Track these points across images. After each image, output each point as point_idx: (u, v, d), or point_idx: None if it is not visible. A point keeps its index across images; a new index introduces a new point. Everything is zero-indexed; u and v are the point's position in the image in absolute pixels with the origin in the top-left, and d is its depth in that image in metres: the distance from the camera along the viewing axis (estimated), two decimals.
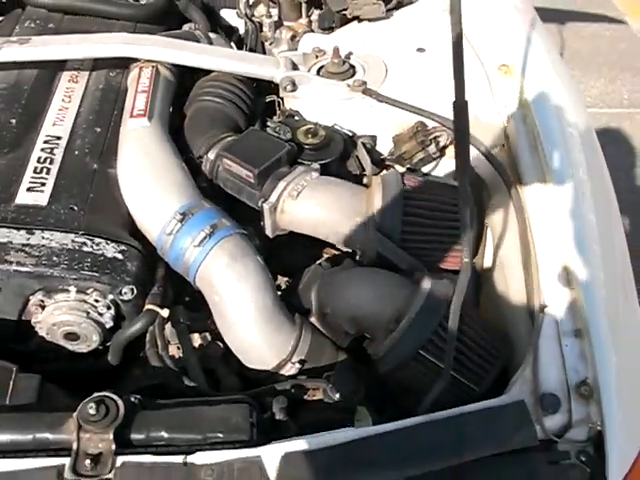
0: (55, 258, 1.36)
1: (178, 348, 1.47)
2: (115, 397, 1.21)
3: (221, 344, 1.48)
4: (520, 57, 1.63)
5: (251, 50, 1.94)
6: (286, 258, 1.61)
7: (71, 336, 1.40)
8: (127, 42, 1.65)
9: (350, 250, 1.54)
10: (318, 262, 1.54)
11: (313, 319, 1.46)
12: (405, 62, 1.72)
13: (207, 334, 1.53)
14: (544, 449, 1.26)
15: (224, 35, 1.94)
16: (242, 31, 2.06)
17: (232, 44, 1.95)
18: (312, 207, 1.47)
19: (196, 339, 1.51)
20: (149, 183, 1.47)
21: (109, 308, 1.38)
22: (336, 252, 1.62)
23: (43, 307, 1.38)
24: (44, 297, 1.37)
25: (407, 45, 1.75)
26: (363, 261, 1.50)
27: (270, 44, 1.96)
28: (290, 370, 1.40)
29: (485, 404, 1.27)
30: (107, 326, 1.40)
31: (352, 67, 1.70)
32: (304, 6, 1.93)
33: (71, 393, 1.36)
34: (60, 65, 1.74)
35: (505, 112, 1.59)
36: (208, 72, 1.73)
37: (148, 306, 1.40)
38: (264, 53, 1.99)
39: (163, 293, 1.42)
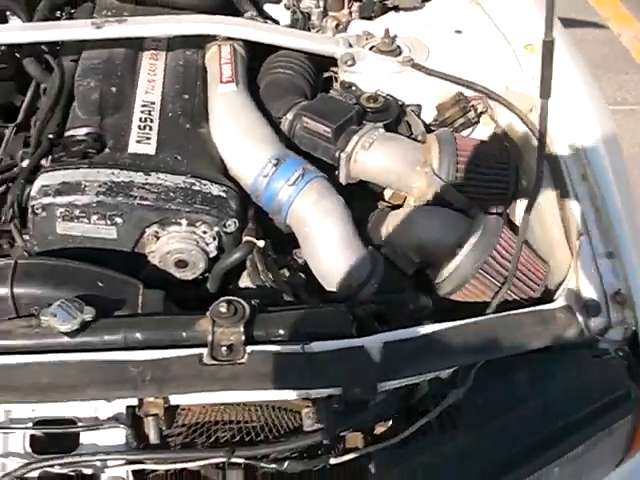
0: (172, 194, 1.59)
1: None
2: (240, 300, 1.43)
3: (302, 275, 1.72)
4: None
5: None
6: None
7: (181, 263, 1.62)
8: (213, 22, 1.91)
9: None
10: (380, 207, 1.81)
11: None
12: (445, 42, 2.02)
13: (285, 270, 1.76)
14: (589, 346, 1.53)
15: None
16: (286, 22, 2.32)
17: None
18: (381, 157, 1.74)
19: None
20: (243, 136, 1.73)
21: (214, 239, 1.61)
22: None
23: (157, 237, 1.60)
24: (159, 229, 1.60)
25: (445, 28, 2.05)
26: (420, 204, 1.76)
27: (317, 32, 2.24)
28: (367, 292, 1.65)
29: (538, 308, 1.53)
30: (211, 255, 1.63)
31: (399, 47, 1.99)
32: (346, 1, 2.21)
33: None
34: (140, 45, 1.99)
35: (533, 83, 1.88)
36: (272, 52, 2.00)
37: (246, 238, 1.64)
38: None
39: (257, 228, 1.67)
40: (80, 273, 1.50)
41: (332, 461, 1.37)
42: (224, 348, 1.36)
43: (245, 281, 1.69)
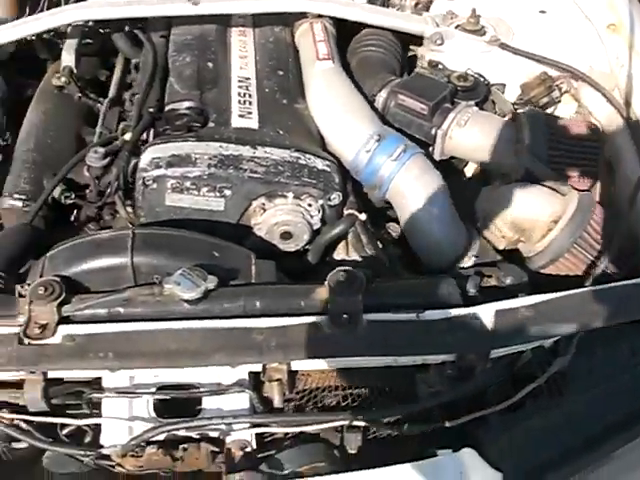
0: (280, 167, 1.63)
1: None
2: (356, 270, 1.47)
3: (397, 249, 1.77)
4: (626, 17, 1.97)
5: None
6: None
7: (286, 235, 1.67)
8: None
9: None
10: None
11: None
12: (529, 22, 2.06)
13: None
14: None
15: None
16: None
17: None
18: (476, 134, 1.78)
19: None
20: (343, 113, 1.78)
21: (319, 212, 1.66)
22: None
23: (264, 210, 1.65)
24: (266, 201, 1.64)
25: (529, 8, 2.08)
26: (512, 180, 1.80)
27: (397, 10, 2.27)
28: (464, 264, 1.70)
29: (635, 281, 1.58)
30: (315, 227, 1.67)
31: (483, 27, 2.03)
32: None
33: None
34: (227, 22, 2.02)
35: (617, 62, 1.93)
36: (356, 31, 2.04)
37: (349, 211, 1.68)
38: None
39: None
40: (196, 243, 1.54)
41: (447, 424, 1.42)
42: (345, 315, 1.40)
43: (340, 254, 1.73)
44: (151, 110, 1.77)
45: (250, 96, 1.81)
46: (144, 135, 1.76)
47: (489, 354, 1.43)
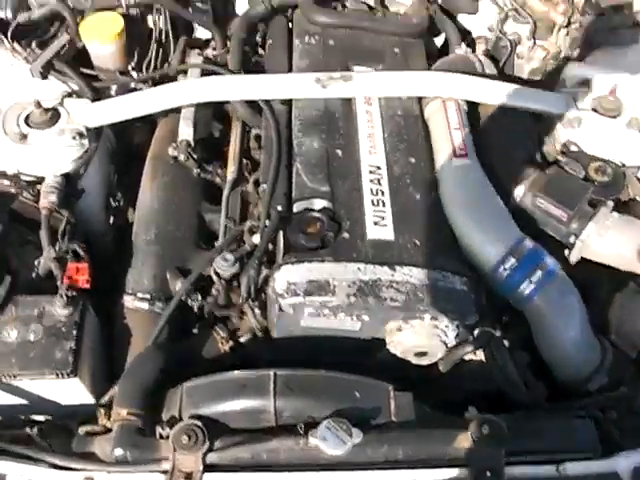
0: (419, 294, 1.59)
1: None
2: (498, 421, 1.47)
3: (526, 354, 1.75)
4: None
5: (503, 65, 2.15)
6: None
7: (421, 354, 1.66)
8: (440, 81, 1.85)
9: None
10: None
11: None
12: None
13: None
14: None
15: (487, 59, 2.09)
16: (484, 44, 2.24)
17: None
18: (615, 245, 1.73)
19: None
20: (481, 220, 1.71)
21: (454, 332, 1.63)
22: None
23: (400, 330, 1.63)
24: (402, 323, 1.62)
25: None
26: None
27: (520, 59, 2.14)
28: (596, 381, 1.69)
29: None
30: (449, 345, 1.66)
31: (621, 103, 1.91)
32: (557, 27, 2.08)
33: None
34: None
35: None
36: None
37: (484, 328, 1.66)
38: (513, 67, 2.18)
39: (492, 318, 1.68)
40: (337, 383, 1.54)
41: None
42: (487, 473, 1.42)
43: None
44: (280, 208, 1.71)
45: (382, 193, 1.74)
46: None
47: None
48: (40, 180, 1.84)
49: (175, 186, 1.94)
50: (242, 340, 1.74)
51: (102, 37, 2.05)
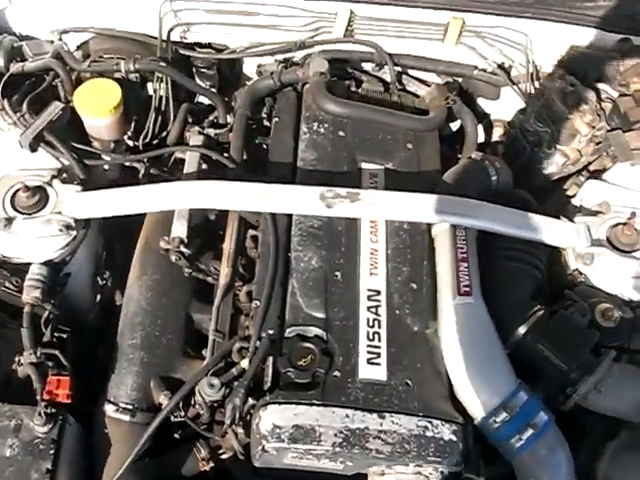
0: (406, 446, 1.55)
1: None
2: None
3: None
4: None
5: (522, 165, 2.06)
6: None
7: None
8: (448, 208, 1.78)
9: None
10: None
11: None
12: None
13: None
14: None
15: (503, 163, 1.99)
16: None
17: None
18: (611, 402, 1.72)
19: None
20: (478, 367, 1.66)
21: (437, 478, 1.61)
22: None
23: (383, 474, 1.60)
24: (385, 467, 1.59)
25: None
26: None
27: (538, 163, 2.04)
28: None
29: None
30: None
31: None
32: (579, 136, 1.98)
33: None
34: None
35: None
36: None
37: (468, 475, 1.63)
38: (528, 166, 2.09)
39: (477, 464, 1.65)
40: None
41: None
42: None
43: None
44: (271, 332, 1.65)
45: (379, 325, 1.68)
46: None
47: None
48: (24, 266, 1.77)
49: (164, 286, 1.88)
50: (223, 458, 1.71)
51: (98, 110, 1.93)
